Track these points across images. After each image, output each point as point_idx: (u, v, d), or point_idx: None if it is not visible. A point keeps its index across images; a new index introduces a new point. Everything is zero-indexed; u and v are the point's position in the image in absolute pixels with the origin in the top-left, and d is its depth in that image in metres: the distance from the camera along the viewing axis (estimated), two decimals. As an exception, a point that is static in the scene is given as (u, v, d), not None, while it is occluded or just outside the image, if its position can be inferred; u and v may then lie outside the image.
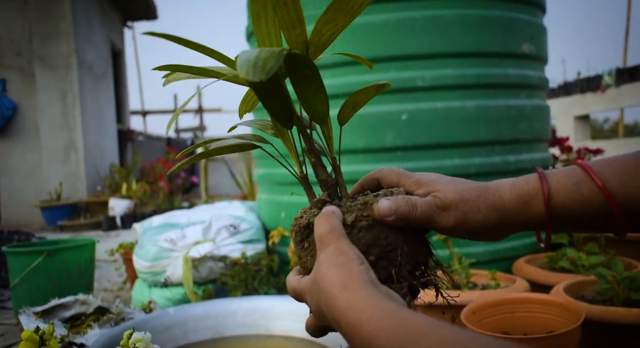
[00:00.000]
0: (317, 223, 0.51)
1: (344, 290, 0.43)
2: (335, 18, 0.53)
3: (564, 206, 0.53)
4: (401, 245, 0.51)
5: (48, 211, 5.56)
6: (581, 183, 0.52)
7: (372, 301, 0.41)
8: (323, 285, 0.45)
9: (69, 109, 6.09)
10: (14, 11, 6.04)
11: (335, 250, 0.47)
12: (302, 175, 0.61)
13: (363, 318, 0.40)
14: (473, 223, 0.53)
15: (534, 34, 1.96)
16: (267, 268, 1.65)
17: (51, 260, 1.90)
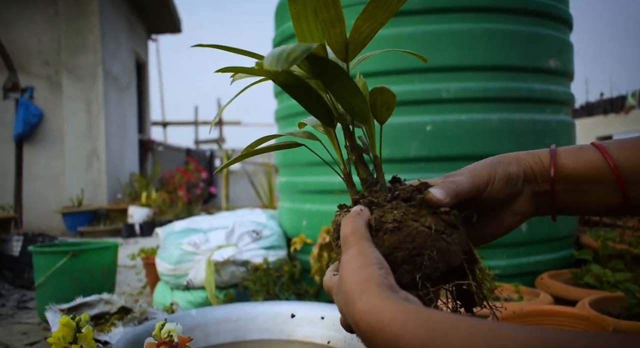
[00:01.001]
0: (343, 224, 0.51)
1: (362, 293, 0.43)
2: (374, 15, 0.54)
3: (567, 165, 0.57)
4: (429, 249, 0.49)
5: (69, 217, 5.64)
6: (585, 147, 0.57)
7: (390, 304, 0.41)
8: (343, 287, 0.45)
9: (93, 119, 6.21)
10: (44, 23, 6.21)
11: (356, 252, 0.47)
12: (345, 173, 0.61)
13: (385, 320, 0.40)
14: (501, 173, 0.57)
15: (560, 49, 1.96)
16: (289, 274, 1.66)
17: (76, 261, 1.93)
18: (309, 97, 0.57)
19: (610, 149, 0.56)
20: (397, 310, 0.40)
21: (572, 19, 2.07)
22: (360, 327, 0.42)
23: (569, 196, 0.58)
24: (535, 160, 0.59)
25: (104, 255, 2.01)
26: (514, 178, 0.58)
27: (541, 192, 0.59)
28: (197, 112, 11.46)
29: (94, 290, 1.94)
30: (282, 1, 2.24)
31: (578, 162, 0.57)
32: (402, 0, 0.54)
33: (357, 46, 0.58)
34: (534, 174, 0.59)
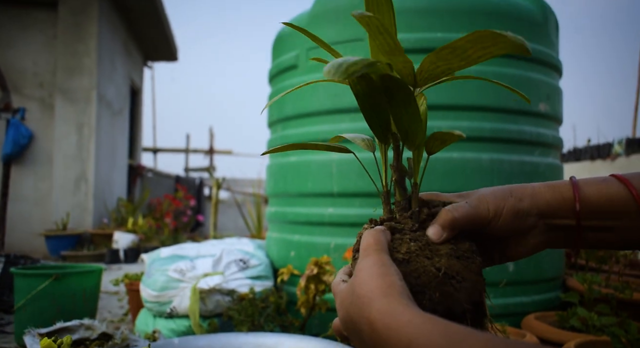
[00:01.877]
0: (366, 234, 0.53)
1: (383, 296, 0.43)
2: (449, 59, 0.54)
3: (590, 198, 0.55)
4: (431, 291, 0.50)
5: (52, 240, 5.55)
6: (608, 180, 0.56)
7: (410, 309, 0.42)
8: (361, 290, 0.46)
9: (84, 142, 6.20)
10: (41, 45, 6.25)
11: (378, 261, 0.48)
12: (384, 191, 0.61)
13: (402, 321, 0.40)
14: (509, 208, 0.56)
15: (550, 93, 2.01)
16: (275, 305, 1.64)
17: (58, 284, 1.89)
18: (374, 111, 0.58)
19: (633, 181, 0.55)
20: (416, 315, 0.41)
21: (561, 65, 2.13)
22: (376, 327, 0.42)
23: (592, 230, 0.56)
24: (554, 195, 0.57)
25: (88, 279, 1.98)
26: (523, 213, 0.57)
27: (560, 226, 0.57)
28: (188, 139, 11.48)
29: (74, 315, 1.89)
30: (279, 35, 2.29)
31: (601, 194, 0.55)
32: (481, 58, 0.54)
33: (429, 77, 0.57)
34: (552, 210, 0.57)
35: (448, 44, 0.52)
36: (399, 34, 1.85)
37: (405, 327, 0.40)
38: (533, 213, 0.57)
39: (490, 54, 0.53)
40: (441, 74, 0.56)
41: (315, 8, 2.06)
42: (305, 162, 2.02)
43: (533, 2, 2.05)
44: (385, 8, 0.56)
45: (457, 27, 1.87)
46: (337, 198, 1.91)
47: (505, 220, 0.56)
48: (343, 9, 1.95)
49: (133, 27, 7.94)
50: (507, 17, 1.92)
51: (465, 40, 0.52)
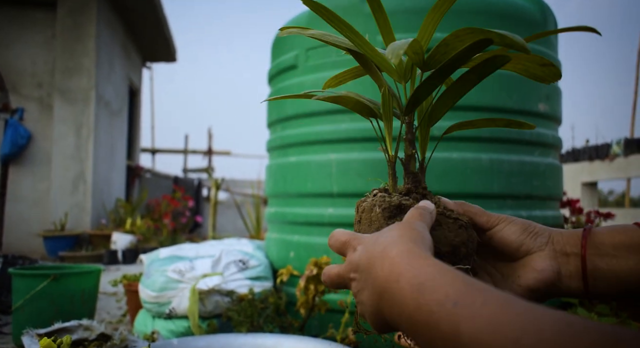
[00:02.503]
0: (412, 210, 0.54)
1: (412, 241, 0.45)
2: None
3: (601, 232, 0.55)
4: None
5: (50, 241, 5.54)
6: (627, 226, 0.55)
7: (435, 259, 0.42)
8: (390, 234, 0.47)
9: (82, 142, 6.19)
10: (39, 45, 6.24)
11: (414, 225, 0.49)
12: (393, 160, 0.64)
13: (425, 262, 0.41)
14: (519, 222, 0.58)
15: (549, 93, 2.01)
16: (274, 306, 1.64)
17: (56, 284, 1.88)
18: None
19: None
20: (440, 262, 0.41)
21: (560, 65, 2.13)
22: (396, 261, 0.42)
23: (600, 260, 0.54)
24: (567, 231, 0.58)
25: (86, 280, 1.97)
26: (533, 229, 0.58)
27: (569, 252, 0.56)
28: (187, 140, 11.48)
29: (73, 316, 1.89)
30: (278, 36, 2.28)
31: (613, 229, 0.55)
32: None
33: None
34: (563, 238, 0.57)
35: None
36: (397, 34, 1.85)
37: (427, 266, 0.40)
38: (544, 234, 0.57)
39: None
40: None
41: (315, 8, 2.05)
42: (304, 162, 2.01)
43: (532, 2, 2.05)
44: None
45: (456, 27, 1.86)
46: (337, 199, 1.91)
47: (512, 228, 0.57)
48: (343, 8, 1.95)
49: (132, 27, 7.93)
50: (506, 17, 1.92)
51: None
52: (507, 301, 0.34)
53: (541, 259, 0.56)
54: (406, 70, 0.64)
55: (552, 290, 0.56)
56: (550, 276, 0.55)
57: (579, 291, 0.55)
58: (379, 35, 1.88)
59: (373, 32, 1.88)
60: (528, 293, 0.56)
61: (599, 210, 2.90)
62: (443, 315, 0.35)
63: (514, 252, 0.58)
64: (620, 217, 6.90)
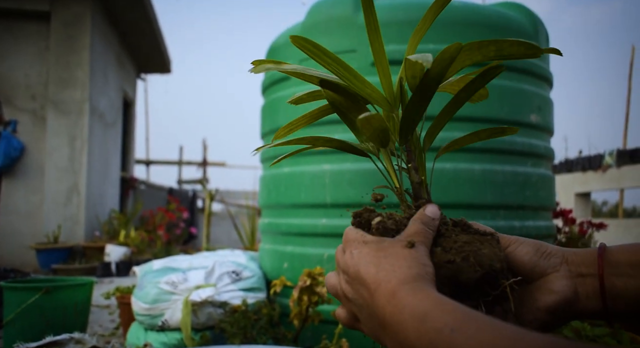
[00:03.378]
0: (418, 215, 0.55)
1: (413, 280, 0.46)
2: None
3: (616, 250, 0.54)
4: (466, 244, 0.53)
5: (43, 254, 5.49)
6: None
7: (436, 293, 0.44)
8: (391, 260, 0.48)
9: (76, 154, 6.17)
10: (33, 56, 6.24)
11: (414, 251, 0.50)
12: (399, 189, 0.63)
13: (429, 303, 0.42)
14: (532, 242, 0.57)
15: (541, 105, 2.02)
16: (267, 317, 1.63)
17: (48, 297, 1.87)
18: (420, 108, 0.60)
19: None
20: (441, 296, 0.43)
21: (552, 77, 2.15)
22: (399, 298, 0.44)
23: (617, 279, 0.53)
24: (580, 251, 0.57)
25: (79, 293, 1.96)
26: (546, 249, 0.57)
27: (583, 274, 0.55)
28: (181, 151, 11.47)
29: (65, 329, 1.87)
30: (273, 46, 2.30)
31: (629, 248, 0.54)
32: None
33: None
34: (578, 258, 0.56)
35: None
36: (390, 45, 1.86)
37: (426, 299, 0.42)
38: (557, 254, 0.57)
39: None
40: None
41: (309, 19, 2.07)
42: (298, 173, 2.01)
43: (524, 14, 2.07)
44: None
45: (450, 38, 1.88)
46: (330, 209, 1.91)
47: (524, 249, 0.57)
48: (337, 19, 1.97)
49: (126, 39, 7.95)
50: (498, 29, 1.94)
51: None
52: (500, 327, 0.36)
53: (557, 280, 0.55)
54: (396, 98, 0.62)
55: (571, 311, 0.55)
56: (569, 296, 0.54)
57: (597, 311, 0.54)
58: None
59: (365, 44, 1.89)
60: (548, 316, 0.55)
61: (592, 221, 2.91)
62: (441, 342, 0.38)
63: (528, 273, 0.57)
64: (614, 228, 6.92)
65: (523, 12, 2.08)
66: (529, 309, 0.56)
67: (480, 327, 0.37)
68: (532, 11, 2.10)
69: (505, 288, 0.52)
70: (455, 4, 1.93)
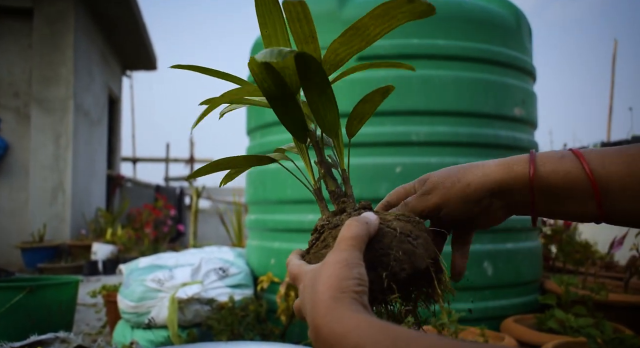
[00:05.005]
0: (348, 224, 0.51)
1: (333, 301, 0.43)
2: (351, 41, 0.57)
3: (547, 176, 0.54)
4: (394, 250, 0.50)
5: (29, 253, 5.43)
6: (566, 156, 0.55)
7: (358, 315, 0.41)
8: (317, 287, 0.45)
9: (61, 152, 6.10)
10: (16, 54, 6.16)
11: (344, 259, 0.47)
12: (315, 188, 0.63)
13: (349, 327, 0.40)
14: (456, 194, 0.57)
15: (524, 98, 2.04)
16: (254, 313, 1.63)
17: (32, 297, 1.85)
18: (287, 110, 0.59)
19: (589, 158, 0.54)
20: (363, 320, 0.40)
21: (535, 70, 2.17)
22: (322, 333, 0.42)
23: (547, 204, 0.55)
24: (507, 174, 0.56)
25: (64, 292, 1.94)
26: (472, 198, 0.57)
27: (515, 202, 0.57)
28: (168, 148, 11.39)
29: (50, 328, 1.86)
30: (257, 42, 2.29)
31: (556, 172, 0.54)
32: (380, 34, 0.57)
33: (332, 66, 0.60)
34: (504, 188, 0.56)
35: (352, 24, 0.54)
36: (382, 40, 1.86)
37: (351, 332, 0.39)
38: (484, 196, 0.57)
39: (389, 27, 0.56)
40: (341, 62, 0.58)
41: (292, 15, 2.06)
42: (284, 169, 2.01)
43: (506, 8, 2.08)
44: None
45: (433, 33, 1.89)
46: (316, 205, 1.91)
47: (456, 206, 0.57)
48: (320, 15, 1.96)
49: (111, 35, 7.87)
50: (481, 23, 1.95)
51: (369, 16, 0.54)
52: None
53: (494, 213, 0.59)
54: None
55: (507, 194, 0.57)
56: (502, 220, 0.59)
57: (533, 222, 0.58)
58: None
59: (350, 39, 1.89)
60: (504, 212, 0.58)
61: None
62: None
63: (468, 217, 0.59)
64: (599, 219, 6.97)
65: (506, 6, 2.09)
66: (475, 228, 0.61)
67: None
68: (514, 5, 2.11)
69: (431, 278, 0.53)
70: (439, -1, 1.93)
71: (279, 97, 0.56)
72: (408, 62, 1.88)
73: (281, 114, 0.58)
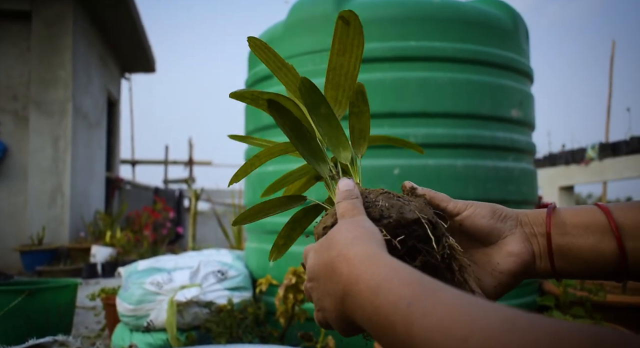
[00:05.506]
0: (341, 203, 0.52)
1: (365, 241, 0.44)
2: (338, 85, 0.62)
3: (564, 213, 0.56)
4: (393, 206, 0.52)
5: (28, 255, 5.43)
6: (588, 207, 0.56)
7: (390, 256, 0.42)
8: (340, 236, 0.46)
9: (60, 154, 6.10)
10: (15, 57, 6.16)
11: (358, 219, 0.48)
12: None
13: (381, 262, 0.40)
14: (486, 206, 0.58)
15: (522, 100, 2.04)
16: (253, 316, 1.63)
17: (31, 300, 1.85)
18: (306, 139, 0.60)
19: (610, 208, 0.55)
20: (395, 260, 0.41)
21: (532, 72, 2.17)
22: (353, 263, 0.42)
23: (562, 239, 0.56)
24: (530, 212, 0.59)
25: (62, 295, 1.94)
26: (500, 212, 0.58)
27: (535, 234, 0.57)
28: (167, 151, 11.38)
29: (48, 332, 1.86)
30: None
31: (574, 210, 0.56)
32: (356, 67, 0.60)
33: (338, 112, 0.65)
34: (530, 220, 0.58)
35: (327, 67, 0.59)
36: (372, 43, 1.87)
37: (382, 267, 0.39)
38: (512, 217, 0.58)
39: (357, 56, 0.59)
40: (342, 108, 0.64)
41: (290, 18, 2.07)
42: (283, 171, 2.01)
43: (503, 10, 2.09)
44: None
45: (430, 35, 1.89)
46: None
47: (480, 213, 0.58)
48: (318, 18, 1.97)
49: (109, 38, 7.88)
50: (478, 25, 1.95)
51: (336, 55, 0.59)
52: (459, 300, 0.34)
53: (515, 242, 0.57)
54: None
55: (529, 271, 0.57)
56: (527, 258, 0.56)
57: (548, 270, 0.56)
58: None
59: (348, 42, 1.90)
60: (510, 279, 0.56)
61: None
62: (398, 317, 0.35)
63: (485, 237, 0.58)
64: (598, 220, 6.96)
65: (502, 8, 2.10)
66: (492, 274, 0.57)
67: (438, 301, 0.34)
68: (511, 7, 2.12)
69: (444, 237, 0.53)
70: (435, 1, 1.94)
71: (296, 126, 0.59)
72: (405, 64, 1.88)
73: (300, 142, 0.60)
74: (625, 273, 0.53)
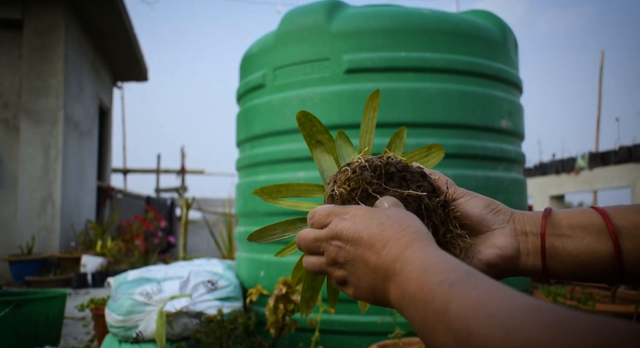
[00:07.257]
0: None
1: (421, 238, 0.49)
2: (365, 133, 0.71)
3: (559, 213, 0.58)
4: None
5: (17, 265, 5.37)
6: (584, 209, 0.58)
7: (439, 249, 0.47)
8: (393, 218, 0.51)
9: (50, 163, 6.07)
10: (6, 65, 6.14)
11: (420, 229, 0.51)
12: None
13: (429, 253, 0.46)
14: (482, 198, 0.61)
15: (511, 110, 2.06)
16: (243, 326, 1.62)
17: (19, 311, 1.83)
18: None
19: (607, 210, 0.56)
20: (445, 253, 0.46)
21: (522, 83, 2.20)
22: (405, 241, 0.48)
23: (557, 239, 0.57)
24: (527, 212, 0.61)
25: (51, 305, 1.93)
26: (496, 206, 0.60)
27: (526, 232, 0.59)
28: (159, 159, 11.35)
29: (37, 343, 1.84)
30: (247, 55, 2.30)
31: (571, 212, 0.58)
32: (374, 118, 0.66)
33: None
34: (524, 218, 0.59)
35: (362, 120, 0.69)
36: (363, 54, 1.88)
37: (434, 257, 0.45)
38: (506, 212, 0.60)
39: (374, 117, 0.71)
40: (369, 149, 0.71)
41: (282, 28, 2.08)
42: (274, 180, 2.01)
43: (492, 22, 2.11)
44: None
45: (420, 46, 1.91)
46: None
47: (474, 202, 0.60)
48: (309, 28, 1.98)
49: (101, 46, 7.87)
50: (467, 36, 1.97)
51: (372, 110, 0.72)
52: (495, 287, 0.39)
53: (502, 236, 0.58)
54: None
55: (510, 267, 0.59)
56: (510, 253, 0.58)
57: (536, 269, 0.58)
58: (344, 53, 1.91)
59: (338, 51, 1.91)
60: (487, 268, 0.58)
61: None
62: (439, 293, 0.40)
63: (475, 225, 0.60)
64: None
65: (492, 20, 2.12)
66: (471, 260, 0.59)
67: (477, 285, 0.39)
68: (500, 19, 2.14)
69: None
70: (425, 13, 1.96)
71: None
72: (396, 74, 1.90)
73: None
74: (619, 275, 0.55)
